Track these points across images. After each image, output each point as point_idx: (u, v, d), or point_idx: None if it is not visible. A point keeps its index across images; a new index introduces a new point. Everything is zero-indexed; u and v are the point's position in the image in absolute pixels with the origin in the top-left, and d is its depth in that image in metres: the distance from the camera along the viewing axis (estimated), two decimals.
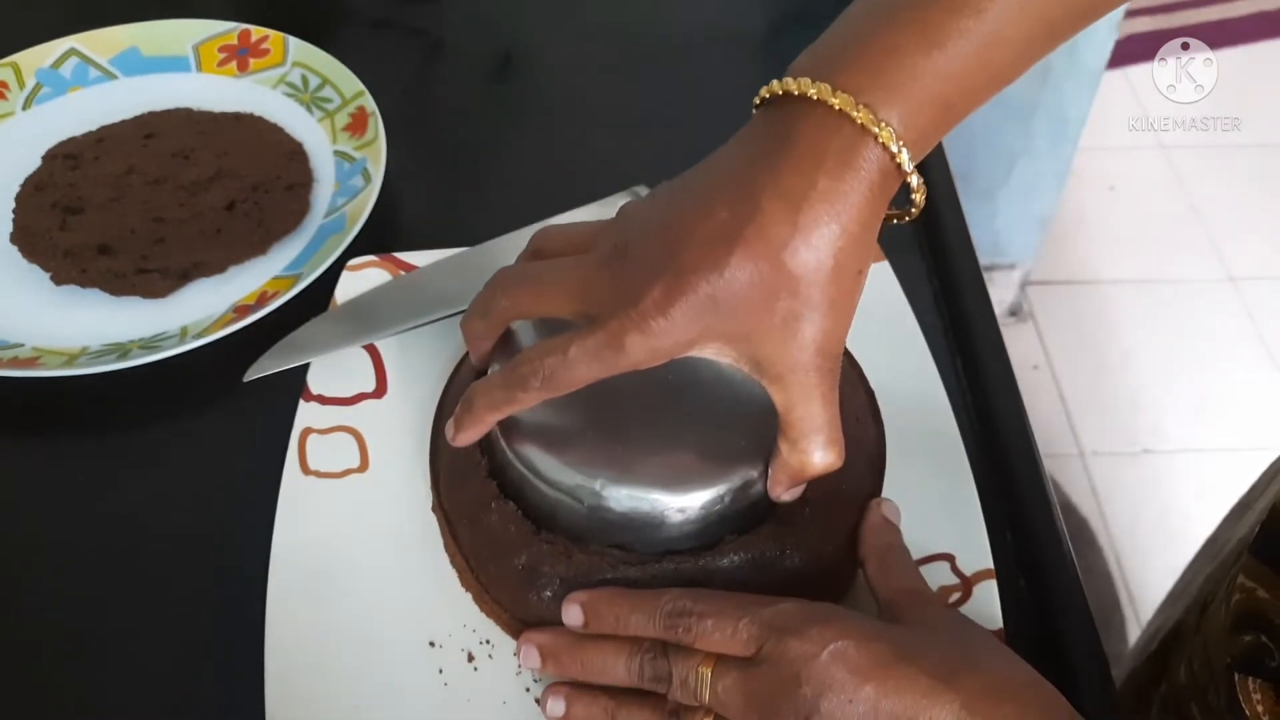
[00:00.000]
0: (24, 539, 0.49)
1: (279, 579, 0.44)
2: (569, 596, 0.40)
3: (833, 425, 0.37)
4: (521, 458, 0.41)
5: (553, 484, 0.40)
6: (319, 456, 0.48)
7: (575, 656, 0.40)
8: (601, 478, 0.39)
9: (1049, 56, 0.37)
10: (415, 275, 0.55)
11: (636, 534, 0.40)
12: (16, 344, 0.54)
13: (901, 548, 0.42)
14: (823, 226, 0.34)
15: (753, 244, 0.34)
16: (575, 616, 0.40)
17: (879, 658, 0.34)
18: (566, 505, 0.40)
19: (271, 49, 0.69)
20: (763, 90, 0.36)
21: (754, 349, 0.35)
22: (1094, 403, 1.56)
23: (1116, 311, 1.68)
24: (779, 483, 0.39)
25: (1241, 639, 0.42)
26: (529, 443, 0.41)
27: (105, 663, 0.44)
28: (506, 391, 0.38)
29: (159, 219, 0.60)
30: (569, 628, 0.40)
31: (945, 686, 0.33)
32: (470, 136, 0.69)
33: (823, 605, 0.37)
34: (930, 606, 0.39)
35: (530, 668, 0.41)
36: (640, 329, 0.34)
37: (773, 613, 0.36)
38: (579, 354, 0.36)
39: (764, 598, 0.38)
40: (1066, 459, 1.49)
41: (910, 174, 0.34)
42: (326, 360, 0.52)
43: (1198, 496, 1.43)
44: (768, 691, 0.35)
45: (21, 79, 0.68)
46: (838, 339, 0.36)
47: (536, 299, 0.39)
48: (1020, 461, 0.49)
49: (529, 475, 0.41)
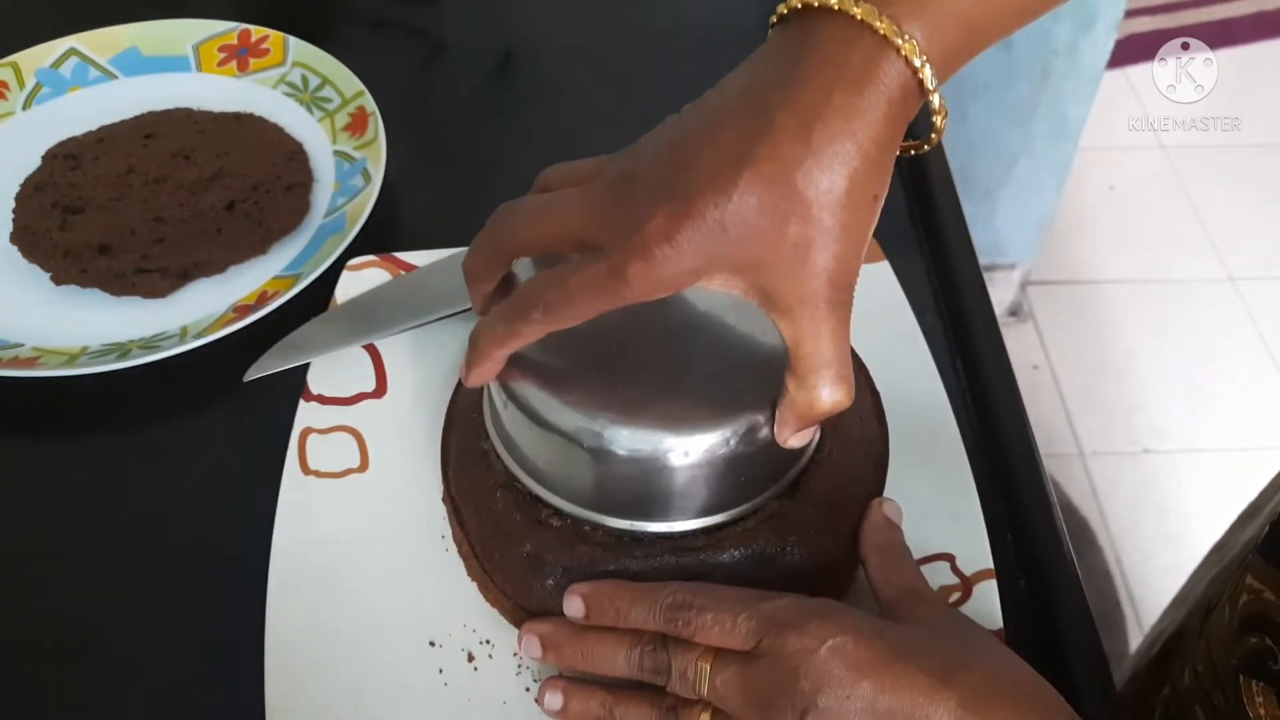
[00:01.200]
0: (23, 539, 0.49)
1: (279, 579, 0.44)
2: (570, 588, 0.40)
3: (842, 361, 0.35)
4: (521, 403, 0.39)
5: (553, 427, 0.39)
6: (319, 456, 0.48)
7: (575, 647, 0.39)
8: (603, 418, 0.38)
9: (1050, 57, 0.37)
10: (415, 275, 0.55)
11: (639, 486, 0.39)
12: (16, 344, 0.54)
13: (902, 546, 0.42)
14: (838, 145, 0.31)
15: (763, 165, 0.32)
16: (576, 608, 0.40)
17: (878, 654, 0.34)
18: (567, 453, 0.39)
19: (271, 49, 0.69)
20: (780, 6, 0.34)
21: (763, 279, 0.33)
22: (1094, 403, 1.56)
23: (1116, 311, 1.68)
24: (786, 423, 0.37)
25: (1247, 641, 0.42)
26: (529, 386, 0.39)
27: (105, 663, 0.44)
28: (508, 325, 0.37)
29: (159, 219, 0.60)
30: (570, 619, 0.40)
31: (943, 685, 0.33)
32: (470, 136, 0.69)
33: (822, 601, 0.37)
34: (930, 605, 0.39)
35: (531, 657, 0.41)
36: (644, 257, 0.32)
37: (772, 607, 0.36)
38: (580, 284, 0.34)
39: (764, 593, 0.38)
40: (1067, 459, 1.49)
41: (933, 91, 0.32)
42: (326, 360, 0.52)
43: (1198, 496, 1.43)
44: (766, 686, 0.35)
45: (21, 79, 0.68)
46: (850, 269, 0.34)
47: (537, 230, 0.36)
48: (1020, 461, 0.49)
49: (529, 422, 0.39)
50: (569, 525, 0.42)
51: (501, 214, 0.38)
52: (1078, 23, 1.25)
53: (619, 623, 0.39)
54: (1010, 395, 0.52)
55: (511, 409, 0.40)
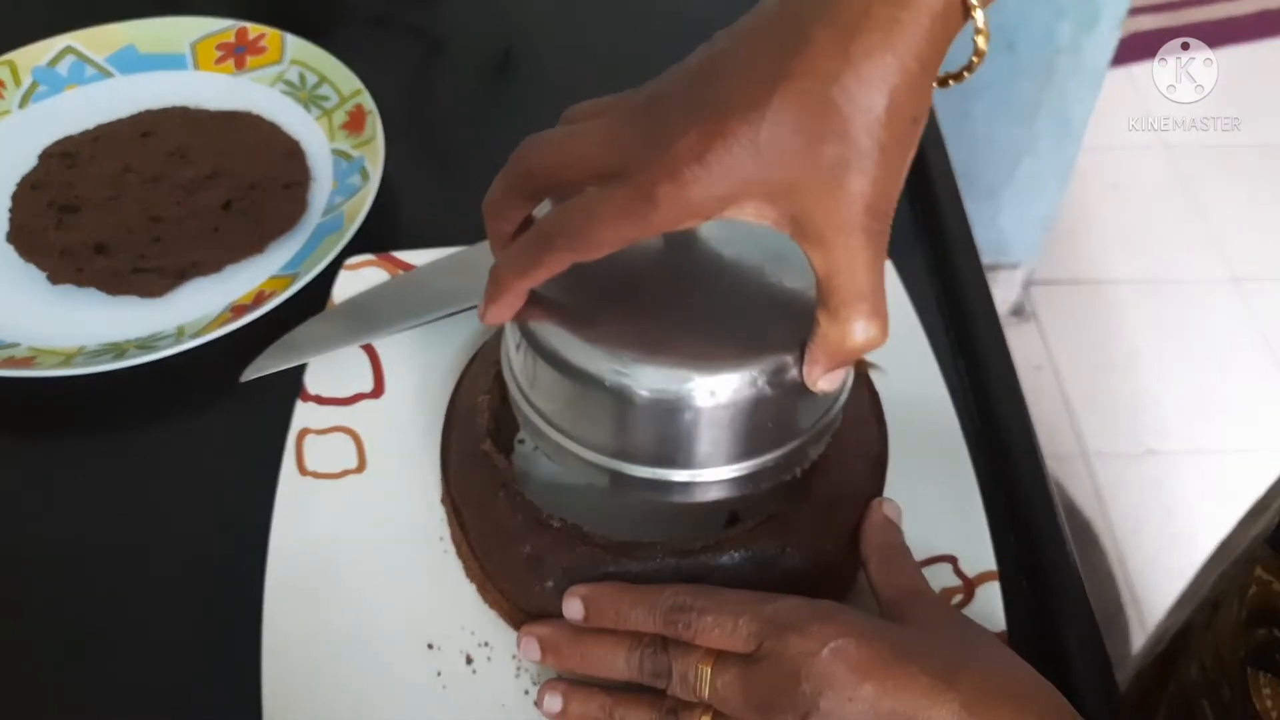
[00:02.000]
0: (20, 540, 0.49)
1: (276, 581, 0.44)
2: (569, 590, 0.40)
3: (877, 295, 0.33)
4: (540, 343, 0.37)
5: (573, 368, 0.36)
6: (316, 457, 0.48)
7: (575, 649, 0.39)
8: (626, 356, 0.36)
9: (1053, 56, 0.36)
10: (413, 274, 0.55)
11: (663, 429, 0.37)
12: (12, 344, 0.54)
13: (903, 547, 0.41)
14: (877, 59, 0.30)
15: (798, 80, 0.30)
16: (576, 610, 0.39)
17: (879, 656, 0.34)
18: (588, 396, 0.37)
19: (269, 47, 0.69)
20: None
21: (796, 205, 0.31)
22: (1097, 403, 1.56)
23: (1120, 311, 1.67)
24: (816, 362, 0.35)
25: (1255, 633, 0.41)
26: (548, 325, 0.37)
27: (102, 663, 0.44)
28: (530, 255, 0.35)
29: (156, 218, 0.60)
30: (569, 621, 0.40)
31: (945, 686, 0.33)
32: (469, 135, 0.69)
33: (824, 603, 0.37)
34: (931, 605, 0.38)
35: (530, 659, 0.41)
36: (673, 178, 0.31)
37: (773, 609, 0.36)
38: (606, 209, 0.32)
39: (765, 594, 0.37)
40: (1069, 460, 1.49)
41: (977, 7, 0.30)
42: (324, 360, 0.51)
43: (1201, 497, 1.43)
44: (767, 688, 0.34)
45: (18, 77, 0.68)
46: (888, 196, 0.32)
47: (562, 157, 0.34)
48: (1023, 462, 0.49)
49: (547, 364, 0.37)
50: (569, 526, 0.41)
51: (525, 145, 0.36)
52: (1081, 21, 1.24)
53: (619, 625, 0.38)
54: (1013, 395, 0.52)
55: (528, 352, 0.38)
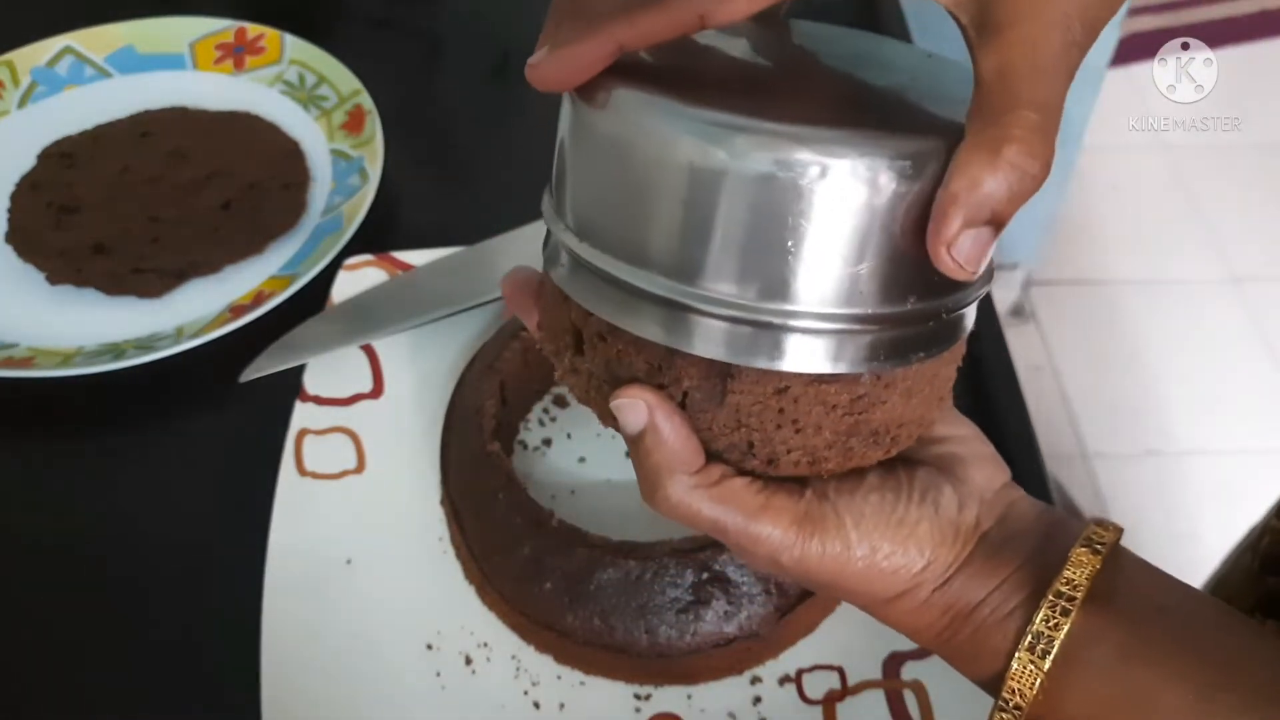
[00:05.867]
0: (19, 540, 0.48)
1: (275, 581, 0.44)
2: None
3: (1053, 115, 0.24)
4: (610, 108, 0.27)
5: (649, 134, 0.26)
6: (315, 458, 0.48)
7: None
8: (732, 123, 0.25)
9: None
10: (412, 275, 0.55)
11: (757, 226, 0.25)
12: (11, 344, 0.54)
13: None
14: None
15: None
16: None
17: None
18: (663, 179, 0.26)
19: (268, 47, 0.69)
20: None
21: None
22: (1097, 404, 1.56)
23: (1120, 312, 1.67)
24: (953, 201, 0.24)
25: (1266, 582, 0.41)
26: (620, 90, 0.27)
27: (100, 664, 0.44)
28: (653, 10, 0.25)
29: (155, 218, 0.60)
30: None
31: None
32: (468, 135, 0.68)
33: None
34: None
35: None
36: None
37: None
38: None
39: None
40: (1070, 460, 1.49)
41: None
42: (323, 361, 0.51)
43: (1203, 498, 1.43)
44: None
45: (16, 77, 0.67)
46: (1101, 5, 0.25)
47: None
48: (1023, 463, 0.49)
49: (612, 138, 0.27)
50: (569, 528, 0.41)
51: None
52: None
53: None
54: (1013, 396, 0.51)
55: (588, 126, 0.28)
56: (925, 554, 0.29)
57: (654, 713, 0.41)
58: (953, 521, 0.30)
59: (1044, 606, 0.28)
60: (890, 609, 0.30)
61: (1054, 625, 0.28)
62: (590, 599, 0.41)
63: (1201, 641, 0.28)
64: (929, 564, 0.29)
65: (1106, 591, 0.28)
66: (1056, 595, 0.28)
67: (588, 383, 0.30)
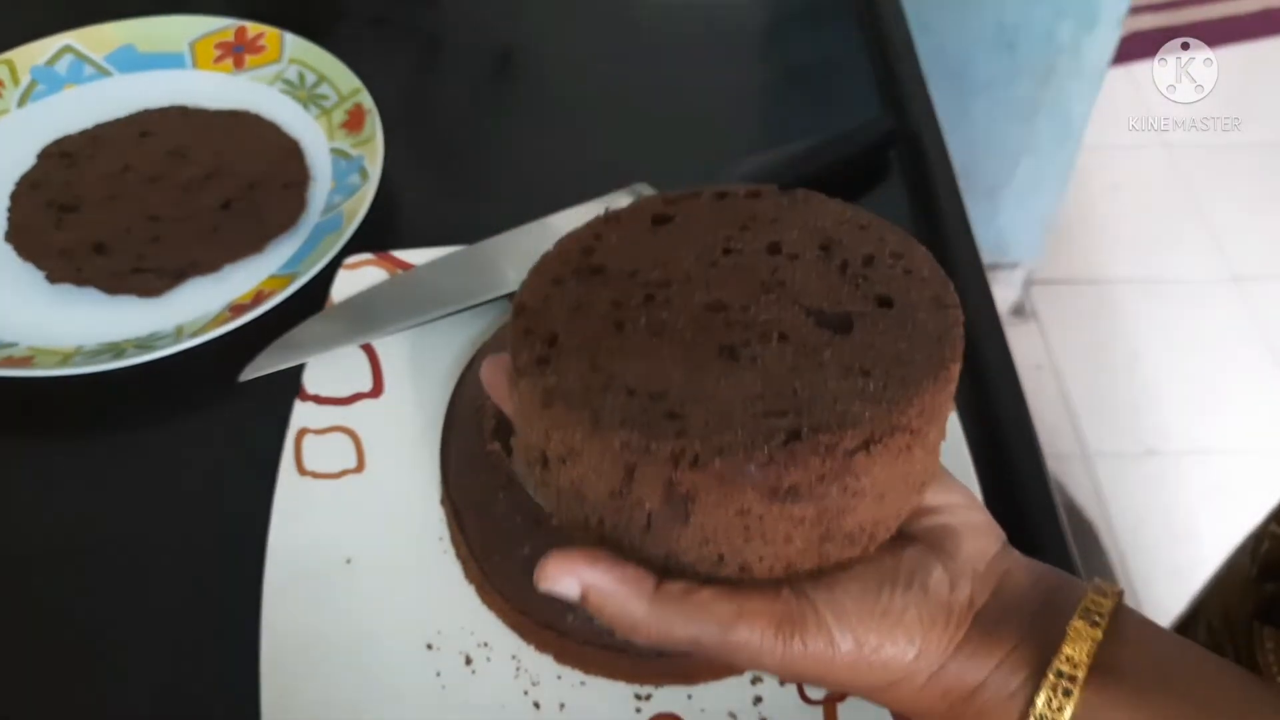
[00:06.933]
0: (18, 540, 0.48)
1: (275, 580, 0.44)
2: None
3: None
4: None
5: None
6: (315, 457, 0.48)
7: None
8: None
9: (1053, 55, 0.35)
10: (413, 274, 0.55)
11: None
12: (11, 343, 0.54)
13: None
14: None
15: None
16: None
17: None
18: None
19: (268, 46, 0.69)
20: None
21: None
22: (1098, 403, 1.56)
23: (1120, 311, 1.67)
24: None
25: (1264, 588, 0.41)
26: None
27: (100, 664, 0.44)
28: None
29: (155, 217, 0.60)
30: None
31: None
32: (468, 134, 0.68)
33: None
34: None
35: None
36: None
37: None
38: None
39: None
40: (1070, 459, 1.49)
41: None
42: (323, 360, 0.51)
43: (1202, 497, 1.43)
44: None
45: (16, 76, 0.67)
46: None
47: None
48: (1024, 462, 0.49)
49: None
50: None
51: None
52: (1081, 20, 1.24)
53: None
54: (1013, 395, 0.51)
55: None
56: (916, 642, 0.28)
57: (654, 713, 0.41)
58: (944, 603, 0.29)
59: (1045, 688, 0.27)
60: (886, 696, 0.29)
61: (1057, 708, 0.27)
62: None
63: (1210, 712, 0.28)
64: (920, 652, 0.28)
65: (1109, 664, 0.28)
66: (1057, 675, 0.27)
67: (557, 497, 0.30)
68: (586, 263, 0.32)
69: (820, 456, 0.26)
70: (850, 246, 0.33)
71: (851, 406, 0.27)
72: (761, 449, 0.26)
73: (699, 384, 0.28)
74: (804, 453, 0.26)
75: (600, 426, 0.27)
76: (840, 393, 0.28)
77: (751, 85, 0.73)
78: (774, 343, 0.29)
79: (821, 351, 0.29)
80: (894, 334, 0.30)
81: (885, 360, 0.29)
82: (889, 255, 0.32)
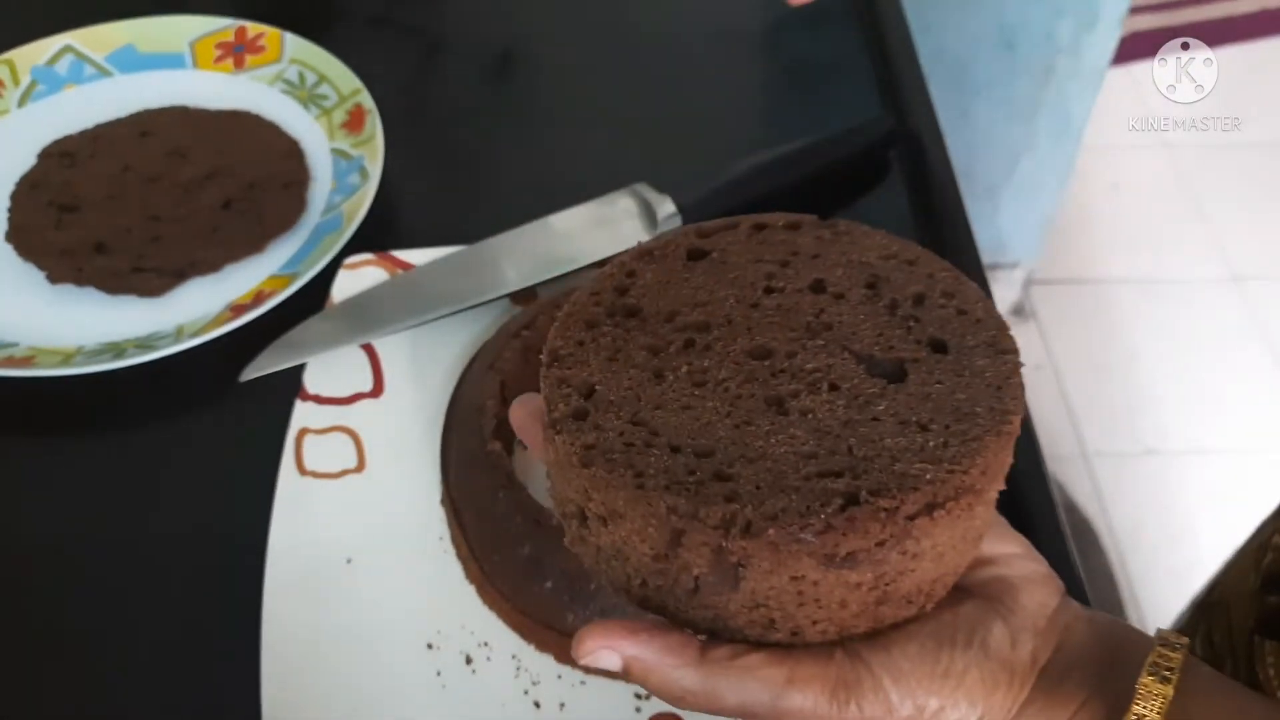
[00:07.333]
0: (18, 540, 0.48)
1: (275, 581, 0.44)
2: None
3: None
4: None
5: None
6: (315, 457, 0.48)
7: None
8: None
9: (1053, 55, 0.35)
10: (413, 274, 0.55)
11: None
12: (11, 343, 0.54)
13: None
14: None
15: None
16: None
17: None
18: None
19: (268, 46, 0.69)
20: None
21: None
22: (1097, 402, 1.56)
23: (1120, 311, 1.67)
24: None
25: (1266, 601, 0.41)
26: None
27: (101, 663, 0.44)
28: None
29: (155, 217, 0.60)
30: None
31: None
32: (469, 134, 0.68)
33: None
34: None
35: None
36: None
37: None
38: None
39: None
40: (1069, 459, 1.49)
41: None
42: (323, 360, 0.51)
43: (1202, 497, 1.43)
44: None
45: (16, 76, 0.67)
46: None
47: None
48: (1023, 462, 0.48)
49: None
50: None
51: None
52: (1081, 20, 1.24)
53: None
54: None
55: None
56: (978, 705, 0.27)
57: (654, 712, 0.41)
58: (1006, 662, 0.28)
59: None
60: None
61: None
62: (590, 598, 0.42)
63: None
64: (984, 715, 0.27)
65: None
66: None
67: (596, 554, 0.29)
68: (621, 303, 0.31)
69: (880, 523, 0.25)
70: (898, 284, 0.31)
71: (911, 467, 0.26)
72: (817, 515, 0.25)
73: (747, 440, 0.27)
74: (862, 519, 0.25)
75: (645, 489, 0.26)
76: (898, 450, 0.26)
77: (751, 85, 0.73)
78: (824, 393, 0.28)
79: (875, 403, 0.28)
80: (951, 383, 0.28)
81: (944, 413, 0.27)
82: (940, 295, 0.31)
